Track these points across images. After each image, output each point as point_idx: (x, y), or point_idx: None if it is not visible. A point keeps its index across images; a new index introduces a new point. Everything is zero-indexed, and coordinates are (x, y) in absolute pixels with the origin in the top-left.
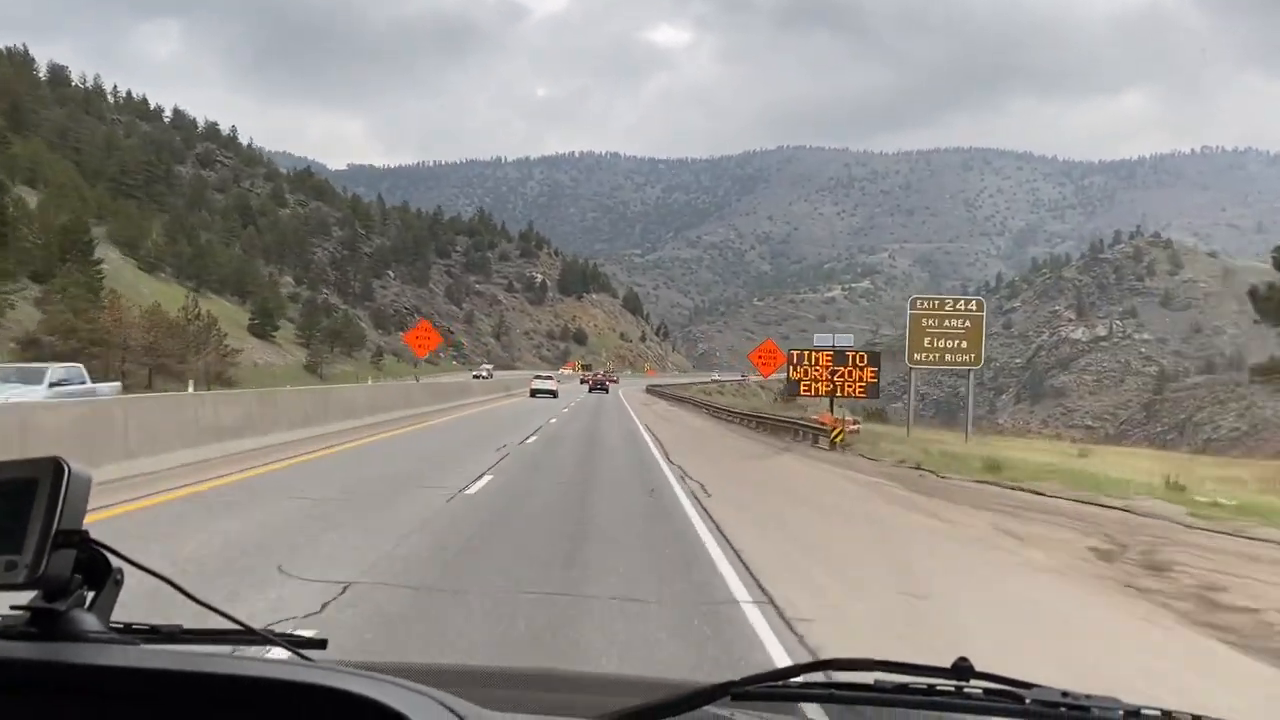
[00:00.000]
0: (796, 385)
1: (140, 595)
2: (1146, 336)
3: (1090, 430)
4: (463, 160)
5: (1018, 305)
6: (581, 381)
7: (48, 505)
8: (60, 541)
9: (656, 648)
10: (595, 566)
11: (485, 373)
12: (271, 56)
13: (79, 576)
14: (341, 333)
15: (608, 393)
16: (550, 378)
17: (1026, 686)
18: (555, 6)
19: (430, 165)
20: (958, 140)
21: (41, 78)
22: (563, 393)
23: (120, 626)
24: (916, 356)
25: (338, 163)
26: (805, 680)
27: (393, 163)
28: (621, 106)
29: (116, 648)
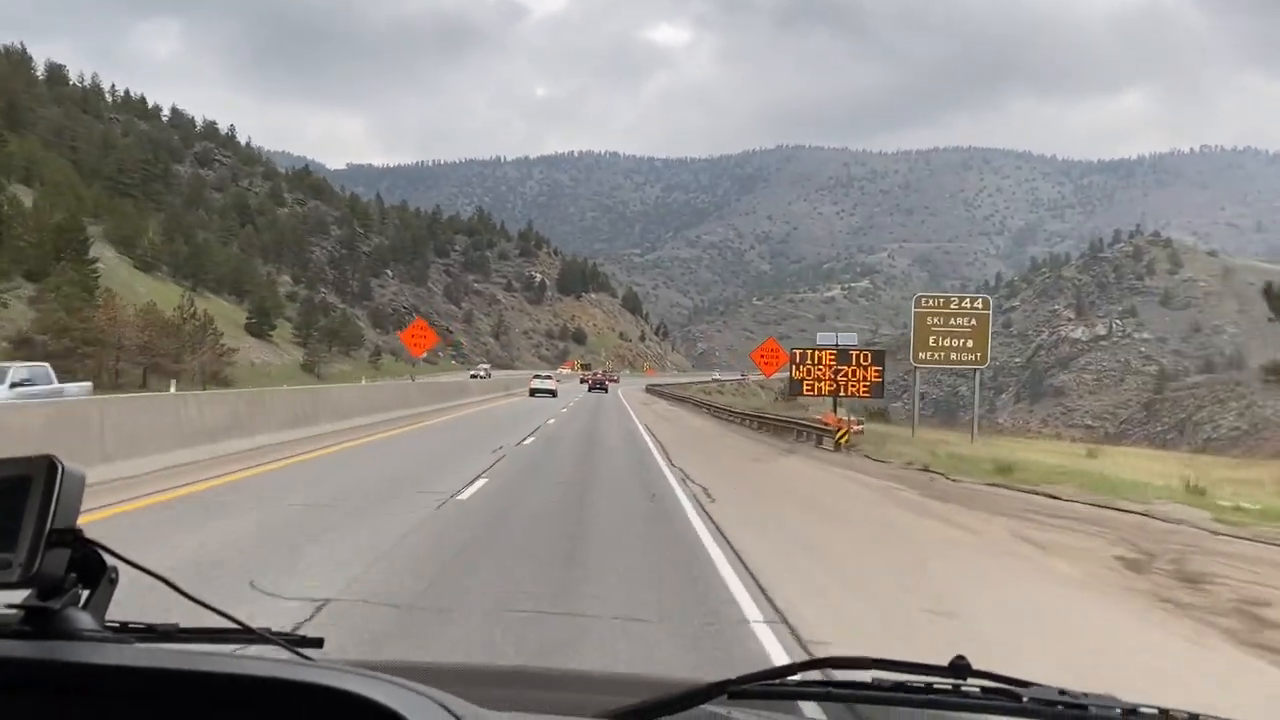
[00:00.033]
0: (799, 385)
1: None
2: (1146, 335)
3: (1090, 430)
4: (462, 160)
5: (1017, 305)
6: (581, 381)
7: (41, 503)
8: (54, 540)
9: (661, 672)
10: (594, 580)
11: (483, 372)
12: (271, 55)
13: (73, 575)
14: (339, 332)
15: (607, 392)
16: (550, 377)
17: (1024, 685)
18: (555, 6)
19: (429, 165)
20: (957, 140)
21: (39, 76)
22: (562, 392)
23: (116, 625)
24: (921, 355)
25: (337, 162)
26: (803, 678)
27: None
28: (621, 106)
29: (112, 646)
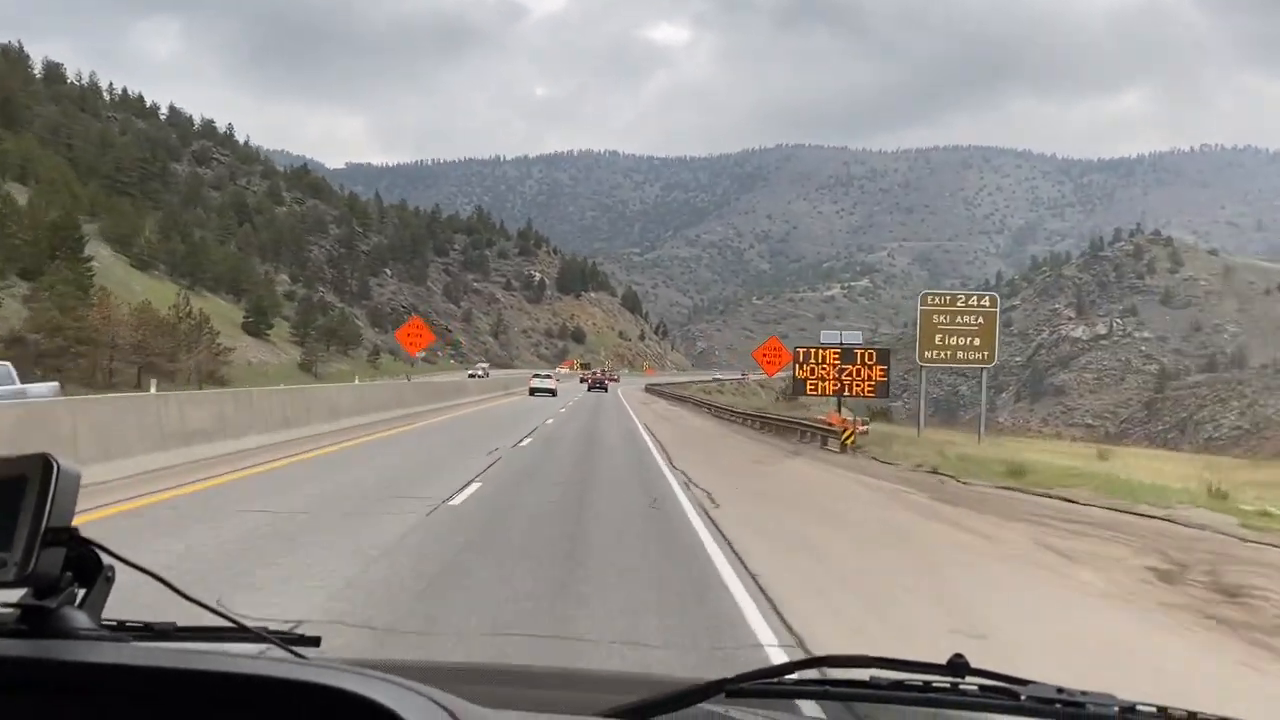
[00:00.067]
0: (803, 384)
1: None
2: (1147, 334)
3: (1090, 429)
4: (461, 159)
5: (1017, 303)
6: (580, 380)
7: (36, 502)
8: (50, 539)
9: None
10: (592, 597)
11: (481, 371)
12: (270, 54)
13: (69, 574)
14: (337, 331)
15: (606, 391)
16: (549, 376)
17: (1022, 683)
18: (554, 5)
19: (428, 164)
20: (957, 138)
21: (37, 75)
22: (561, 392)
23: (113, 624)
24: (927, 354)
25: (335, 161)
26: (800, 677)
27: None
28: (620, 105)
29: (108, 645)
